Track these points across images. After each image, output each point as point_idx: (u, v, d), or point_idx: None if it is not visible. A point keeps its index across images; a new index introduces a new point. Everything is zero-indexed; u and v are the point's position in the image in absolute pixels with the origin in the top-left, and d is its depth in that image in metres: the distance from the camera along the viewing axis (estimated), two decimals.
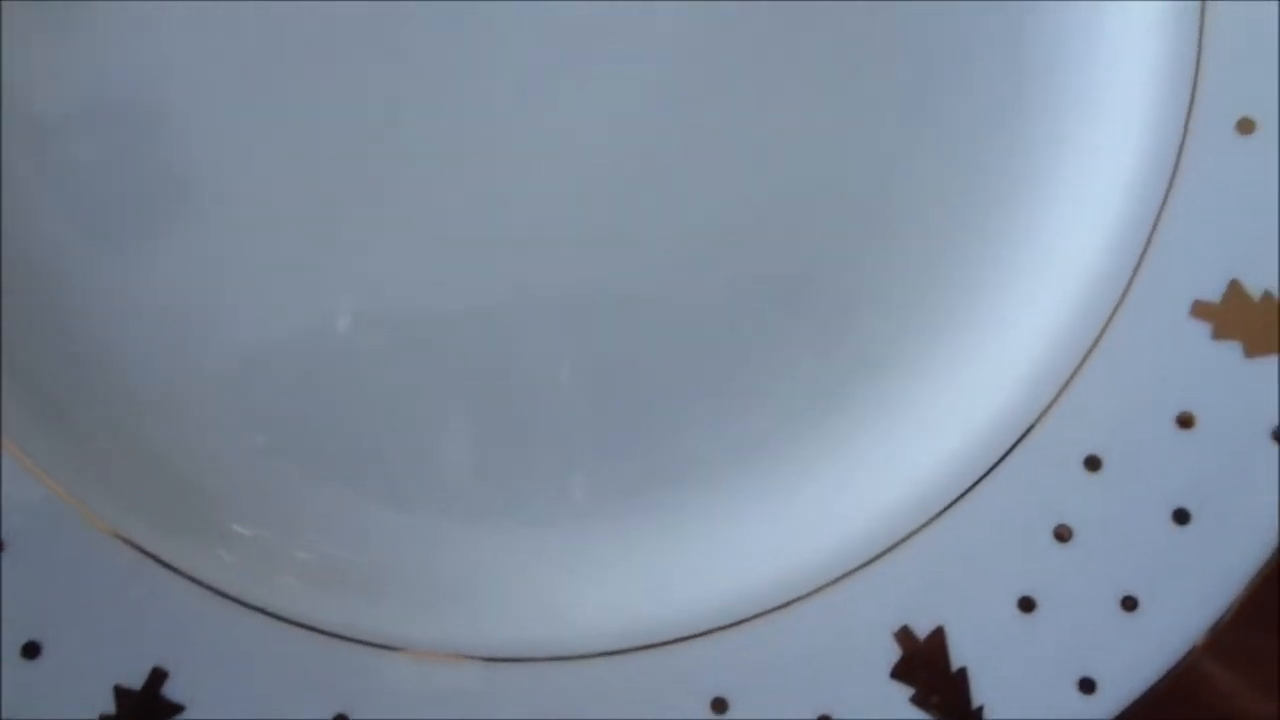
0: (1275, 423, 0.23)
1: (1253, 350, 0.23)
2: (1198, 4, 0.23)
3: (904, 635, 0.23)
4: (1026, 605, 0.23)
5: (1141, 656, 0.23)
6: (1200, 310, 0.23)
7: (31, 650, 0.22)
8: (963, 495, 0.23)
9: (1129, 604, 0.23)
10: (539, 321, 0.24)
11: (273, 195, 0.24)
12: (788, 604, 0.23)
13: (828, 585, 0.23)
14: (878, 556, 0.23)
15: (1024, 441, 0.23)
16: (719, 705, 0.23)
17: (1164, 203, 0.23)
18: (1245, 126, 0.23)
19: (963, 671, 0.23)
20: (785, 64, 0.24)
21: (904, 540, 0.23)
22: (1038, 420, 0.23)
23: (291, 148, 0.24)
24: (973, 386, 0.24)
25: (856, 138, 0.24)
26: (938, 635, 0.23)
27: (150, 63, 0.23)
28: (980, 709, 0.23)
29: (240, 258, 0.24)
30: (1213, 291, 0.23)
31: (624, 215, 0.24)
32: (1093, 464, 0.23)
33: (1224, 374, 0.23)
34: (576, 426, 0.24)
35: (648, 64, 0.24)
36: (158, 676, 0.22)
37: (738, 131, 0.24)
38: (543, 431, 0.24)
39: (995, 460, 0.23)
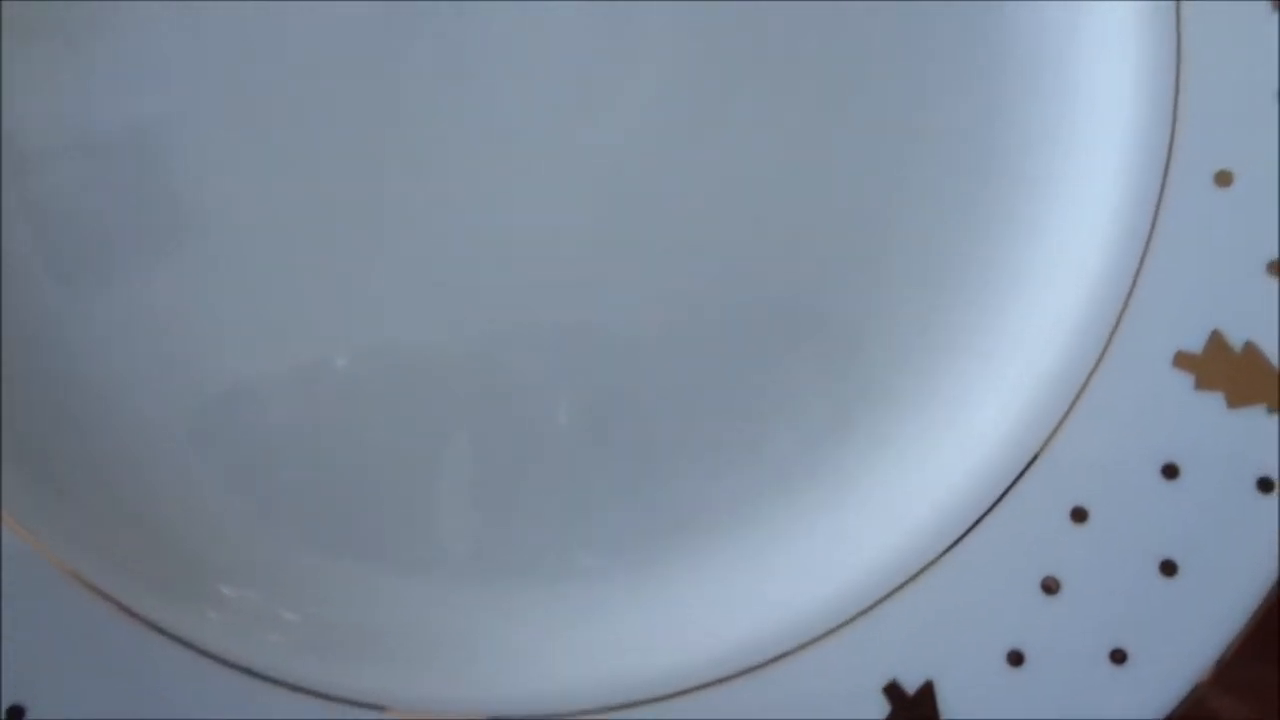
0: (1259, 472, 0.23)
1: (1235, 401, 0.23)
2: (1173, 61, 0.23)
3: (893, 690, 0.23)
4: (1015, 659, 0.23)
5: (1131, 710, 0.22)
6: (1182, 361, 0.23)
7: (16, 714, 0.22)
8: (950, 548, 0.23)
9: (1118, 657, 0.23)
10: (537, 363, 0.24)
11: (268, 230, 0.24)
12: (776, 659, 0.23)
13: (815, 640, 0.23)
14: (866, 610, 0.23)
15: (1011, 493, 0.23)
16: None
17: (1144, 254, 0.23)
18: (1223, 179, 0.23)
19: None
20: (775, 100, 0.24)
21: (892, 594, 0.23)
22: (1024, 471, 0.23)
23: (287, 183, 0.24)
24: (958, 440, 0.24)
25: (845, 185, 0.24)
26: (927, 690, 0.23)
27: (145, 93, 0.24)
28: None
29: (234, 296, 0.24)
30: (1194, 342, 0.23)
31: (623, 252, 0.24)
32: (1079, 515, 0.23)
33: (1207, 424, 0.23)
34: (572, 480, 0.24)
35: (645, 98, 0.24)
36: None
37: (735, 167, 0.24)
38: (537, 487, 0.24)
39: (982, 512, 0.23)
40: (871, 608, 0.23)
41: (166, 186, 0.24)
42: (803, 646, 0.23)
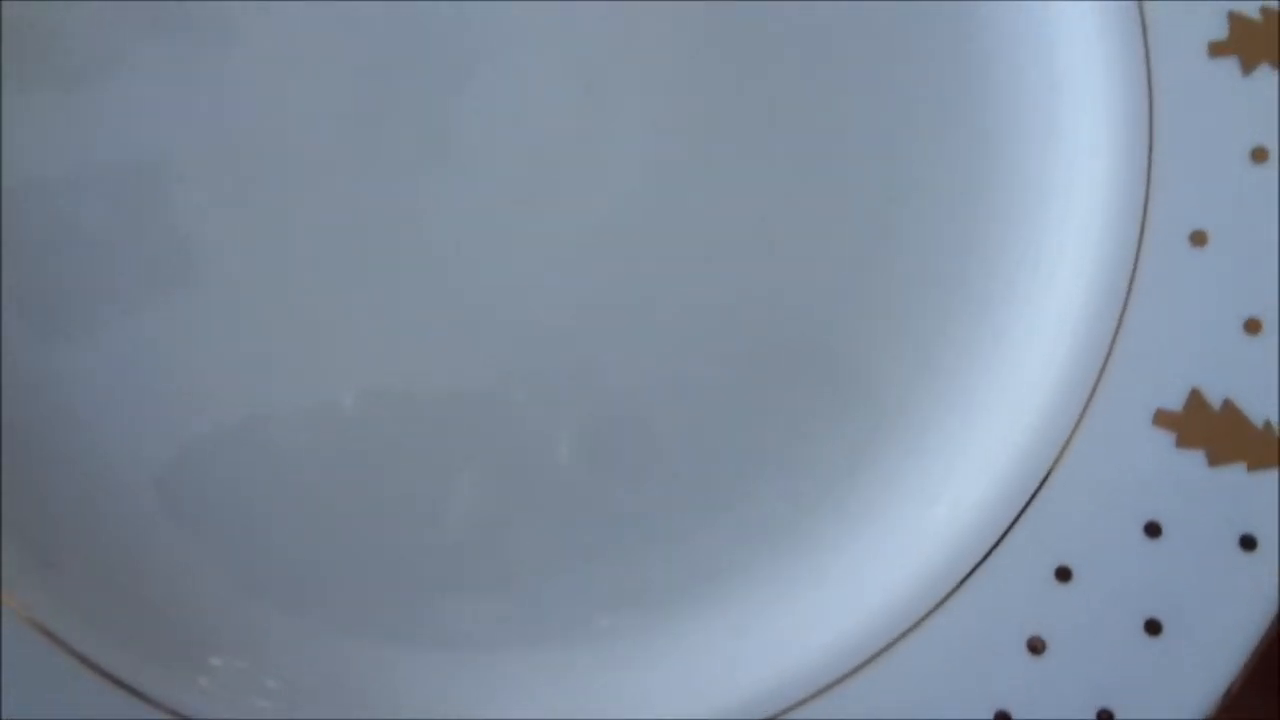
0: (1242, 530, 0.23)
1: (1215, 459, 0.23)
2: (1146, 122, 0.23)
3: None
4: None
5: None
6: (1163, 419, 0.23)
7: None
8: (935, 609, 0.23)
9: (1104, 717, 0.22)
10: (540, 407, 0.25)
11: (266, 274, 0.24)
12: None
13: (799, 704, 0.23)
14: (849, 674, 0.23)
15: (995, 552, 0.23)
16: None
17: (1123, 315, 0.23)
18: (1198, 238, 0.23)
19: None
20: (769, 144, 0.25)
21: (878, 655, 0.23)
22: (1008, 531, 0.23)
23: (287, 225, 0.24)
24: (942, 501, 0.24)
25: (827, 241, 0.25)
26: None
27: (143, 132, 0.24)
28: None
29: (229, 343, 0.24)
30: (1174, 401, 0.23)
31: (625, 295, 0.25)
32: (1064, 575, 0.23)
33: (1189, 482, 0.23)
34: (575, 540, 0.24)
35: (644, 137, 0.25)
36: None
37: (733, 206, 0.25)
38: (537, 548, 0.24)
39: (967, 572, 0.23)
40: (858, 669, 0.23)
41: (162, 228, 0.24)
42: (784, 711, 0.23)
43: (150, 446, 0.24)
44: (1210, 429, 0.23)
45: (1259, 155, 0.23)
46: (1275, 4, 0.23)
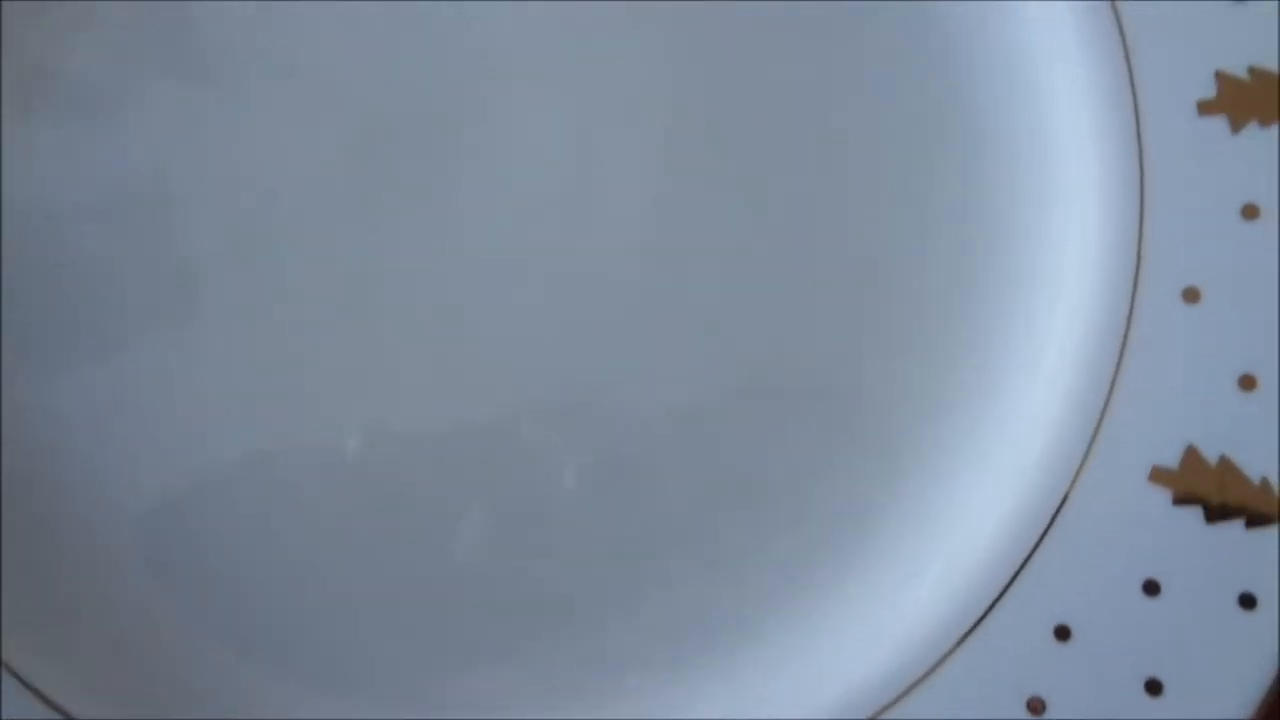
0: (1241, 588, 0.23)
1: (1213, 516, 0.23)
2: (1137, 180, 0.23)
3: None
4: None
5: None
6: (1159, 476, 0.23)
7: None
8: (934, 668, 0.23)
9: None
10: (547, 447, 0.25)
11: (270, 311, 0.24)
12: None
13: None
14: None
15: (993, 611, 0.23)
16: None
17: (1117, 372, 0.23)
18: (1191, 295, 0.23)
19: None
20: (773, 187, 0.25)
21: (878, 715, 0.23)
22: (1005, 589, 0.23)
23: (290, 260, 0.24)
24: (939, 561, 0.24)
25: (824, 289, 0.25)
26: None
27: (154, 166, 0.24)
28: None
29: (228, 382, 0.24)
30: (1170, 458, 0.23)
31: (625, 326, 0.25)
32: (1063, 634, 0.23)
33: (1187, 540, 0.23)
34: (589, 596, 0.24)
35: (649, 178, 0.25)
36: None
37: (739, 247, 0.25)
38: (548, 615, 0.24)
39: (965, 631, 0.23)
40: None
41: (162, 263, 0.24)
42: None
43: (143, 489, 0.24)
44: (1207, 486, 0.23)
45: (1249, 212, 0.23)
46: (1262, 63, 0.23)
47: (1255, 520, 0.23)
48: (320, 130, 0.24)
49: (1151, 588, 0.23)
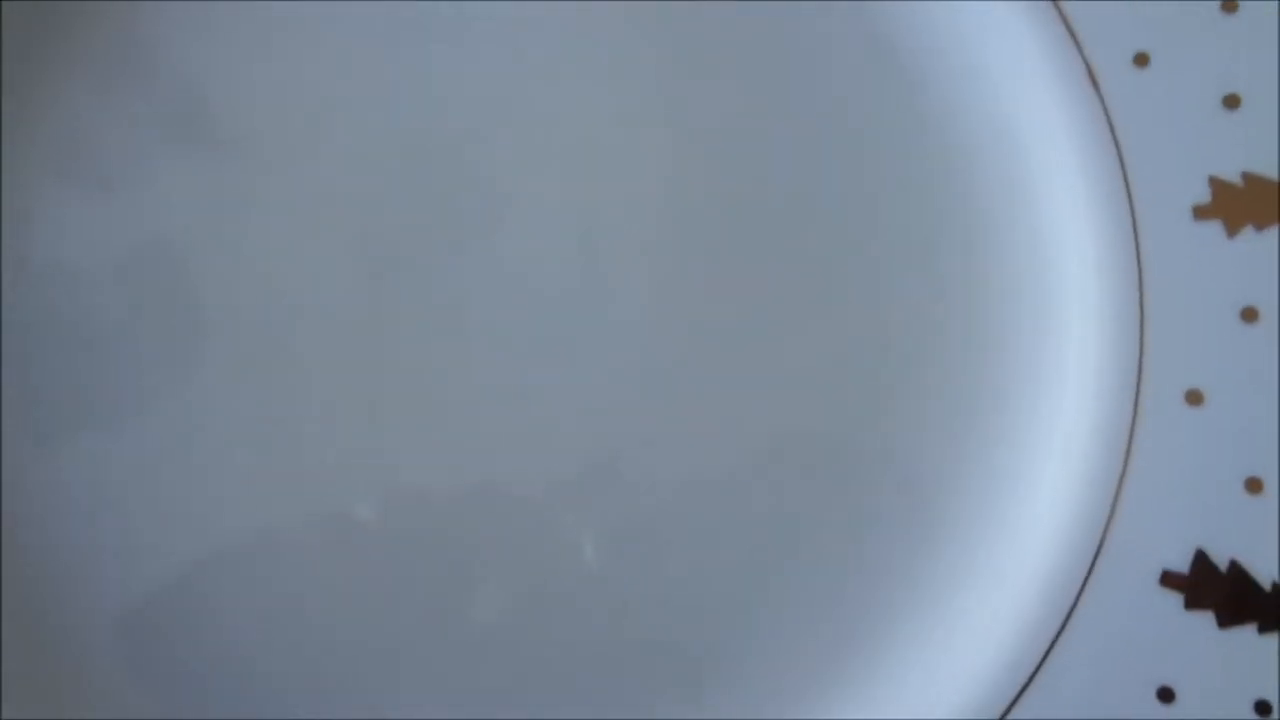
0: (1256, 695, 0.22)
1: (1225, 621, 0.23)
2: (1136, 286, 0.24)
3: None
4: None
5: None
6: (1170, 581, 0.23)
7: None
8: None
9: None
10: (561, 523, 0.25)
11: (279, 380, 0.25)
12: None
13: None
14: None
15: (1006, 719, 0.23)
16: None
17: (1123, 477, 0.23)
18: (1194, 398, 0.23)
19: None
20: (783, 255, 0.25)
21: None
22: (1016, 699, 0.23)
23: (301, 328, 0.25)
24: (949, 669, 0.24)
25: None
26: None
27: (167, 235, 0.25)
28: None
29: (235, 455, 0.24)
30: (1180, 561, 0.23)
31: (642, 397, 0.25)
32: None
33: (1200, 645, 0.23)
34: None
35: (657, 244, 0.25)
36: None
37: (754, 314, 0.25)
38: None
39: None
40: None
41: (170, 332, 0.25)
42: None
43: (143, 573, 0.24)
44: (1218, 590, 0.23)
45: (1249, 315, 0.23)
46: (1255, 169, 0.24)
47: (1268, 625, 0.23)
48: (332, 205, 0.25)
49: (1166, 695, 0.23)
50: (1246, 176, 0.24)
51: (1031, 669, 0.23)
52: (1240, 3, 0.24)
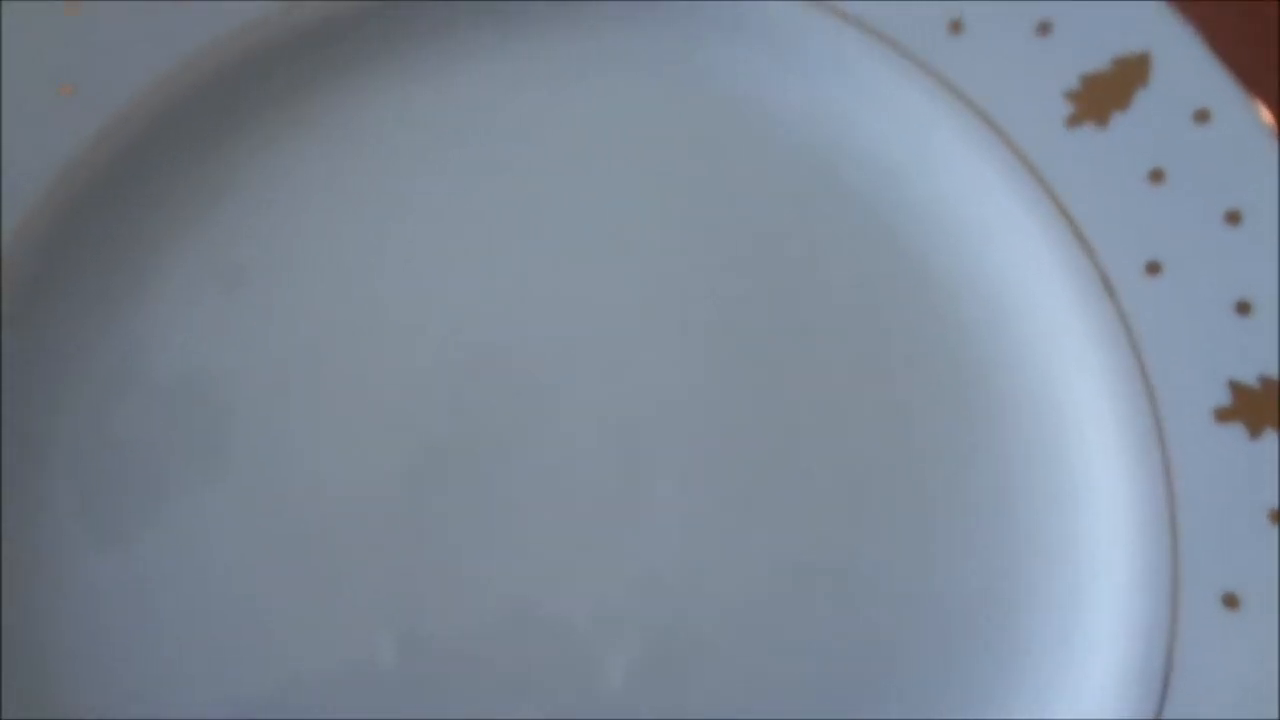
0: None
1: None
2: (1165, 494, 0.24)
3: None
4: None
5: None
6: None
7: None
8: None
9: None
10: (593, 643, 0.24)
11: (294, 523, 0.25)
12: None
13: None
14: None
15: None
16: None
17: (1165, 689, 0.23)
18: (1231, 602, 0.24)
19: None
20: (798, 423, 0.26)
21: None
22: None
23: (324, 467, 0.25)
24: None
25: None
26: None
27: (180, 360, 0.26)
28: None
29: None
30: None
31: (673, 532, 0.25)
32: None
33: None
34: None
35: (677, 379, 0.26)
36: None
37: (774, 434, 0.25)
38: None
39: None
40: None
41: (189, 475, 0.25)
42: None
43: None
44: None
45: (1277, 517, 0.24)
46: (1270, 373, 0.24)
47: None
48: (373, 404, 0.25)
49: None
50: (1262, 379, 0.24)
51: None
52: (1244, 214, 0.25)
